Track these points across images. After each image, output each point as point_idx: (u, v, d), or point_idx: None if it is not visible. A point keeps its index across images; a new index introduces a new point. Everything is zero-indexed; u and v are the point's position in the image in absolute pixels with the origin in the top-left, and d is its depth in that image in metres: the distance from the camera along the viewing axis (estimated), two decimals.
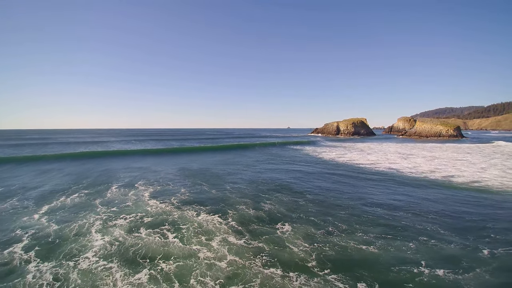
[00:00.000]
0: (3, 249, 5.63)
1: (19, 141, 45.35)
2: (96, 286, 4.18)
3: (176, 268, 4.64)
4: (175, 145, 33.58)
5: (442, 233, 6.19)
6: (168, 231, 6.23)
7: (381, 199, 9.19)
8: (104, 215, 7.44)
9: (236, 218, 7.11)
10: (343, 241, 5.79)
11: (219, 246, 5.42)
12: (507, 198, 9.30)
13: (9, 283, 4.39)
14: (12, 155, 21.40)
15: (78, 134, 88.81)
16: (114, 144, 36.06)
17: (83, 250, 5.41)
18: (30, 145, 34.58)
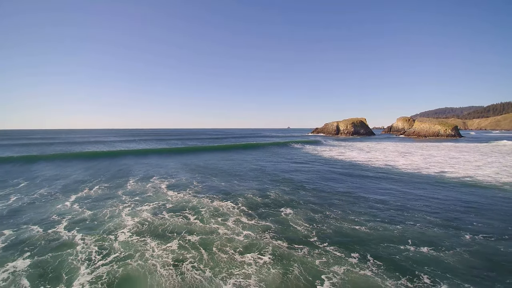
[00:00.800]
0: (48, 229, 6.59)
1: (24, 140, 46.33)
2: (137, 251, 5.15)
3: (200, 240, 5.62)
4: (180, 145, 34.54)
5: (428, 219, 7.11)
6: (189, 214, 7.22)
7: (374, 190, 10.17)
8: (130, 203, 8.42)
9: (246, 204, 8.11)
10: (338, 222, 6.75)
11: (234, 225, 6.41)
12: (494, 192, 10.12)
13: (63, 251, 5.35)
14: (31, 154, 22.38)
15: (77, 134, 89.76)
16: (120, 144, 37.04)
17: (119, 228, 6.38)
18: (37, 145, 35.54)
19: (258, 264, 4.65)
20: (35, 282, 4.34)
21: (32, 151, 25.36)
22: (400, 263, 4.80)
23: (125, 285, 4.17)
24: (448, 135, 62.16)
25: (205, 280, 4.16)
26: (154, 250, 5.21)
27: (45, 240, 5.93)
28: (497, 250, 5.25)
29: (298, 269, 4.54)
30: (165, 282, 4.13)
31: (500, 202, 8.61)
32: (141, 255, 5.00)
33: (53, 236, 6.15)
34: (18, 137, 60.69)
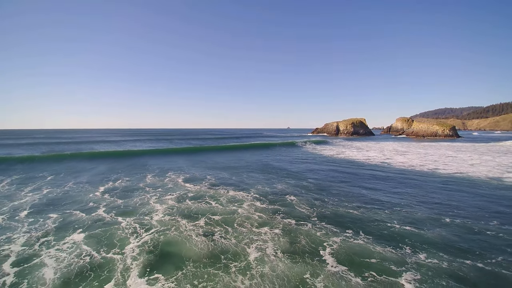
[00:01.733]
0: (90, 213, 7.74)
1: (29, 140, 47.39)
2: (172, 226, 6.32)
3: (222, 218, 6.80)
4: (184, 145, 35.68)
5: (414, 206, 8.26)
6: (209, 200, 8.42)
7: (368, 183, 11.35)
8: (154, 193, 9.60)
9: (257, 193, 9.32)
10: (334, 207, 7.93)
11: (249, 208, 7.60)
12: (480, 185, 11.09)
13: (110, 227, 6.50)
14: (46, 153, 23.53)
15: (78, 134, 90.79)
16: (125, 143, 38.18)
17: (151, 211, 7.55)
18: (44, 144, 36.63)
19: (272, 235, 5.82)
20: (95, 247, 5.49)
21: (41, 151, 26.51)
22: (387, 236, 5.95)
23: (167, 247, 5.34)
24: (446, 135, 63.35)
25: (233, 244, 5.33)
26: (186, 226, 6.39)
27: (91, 220, 7.09)
28: (471, 230, 6.34)
29: (304, 239, 5.70)
30: (201, 245, 5.30)
31: (482, 193, 9.75)
32: (176, 229, 6.17)
33: (97, 217, 7.31)
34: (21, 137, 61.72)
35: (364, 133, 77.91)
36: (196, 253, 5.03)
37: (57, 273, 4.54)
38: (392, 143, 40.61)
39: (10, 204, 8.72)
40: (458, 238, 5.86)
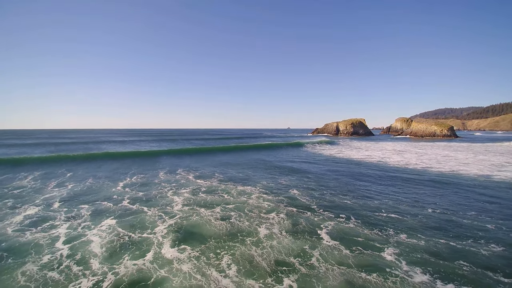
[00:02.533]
0: (116, 204, 8.79)
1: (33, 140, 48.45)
2: (193, 213, 7.39)
3: (235, 207, 7.88)
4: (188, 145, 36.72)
5: (400, 198, 9.27)
6: (221, 193, 9.50)
7: (362, 179, 12.41)
8: (170, 187, 10.67)
9: (263, 187, 10.42)
10: (331, 198, 9.01)
11: (257, 199, 8.68)
12: (467, 182, 12.06)
13: (138, 215, 7.56)
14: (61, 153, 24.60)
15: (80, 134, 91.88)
16: (130, 144, 39.25)
17: (171, 203, 8.61)
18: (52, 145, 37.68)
19: (278, 219, 6.89)
20: (129, 229, 6.54)
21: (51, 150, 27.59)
22: (374, 221, 7.00)
23: (191, 228, 6.40)
24: (444, 135, 64.36)
25: (246, 226, 6.40)
26: (204, 212, 7.46)
27: (119, 210, 8.15)
28: (449, 219, 7.30)
29: (304, 222, 6.76)
30: (219, 226, 6.37)
31: (467, 189, 10.77)
32: (197, 215, 7.25)
33: (124, 207, 8.37)
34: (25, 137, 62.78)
35: (364, 133, 78.90)
36: (215, 232, 6.09)
37: (103, 248, 5.59)
38: (390, 143, 41.65)
39: (42, 197, 9.78)
40: (436, 224, 6.89)
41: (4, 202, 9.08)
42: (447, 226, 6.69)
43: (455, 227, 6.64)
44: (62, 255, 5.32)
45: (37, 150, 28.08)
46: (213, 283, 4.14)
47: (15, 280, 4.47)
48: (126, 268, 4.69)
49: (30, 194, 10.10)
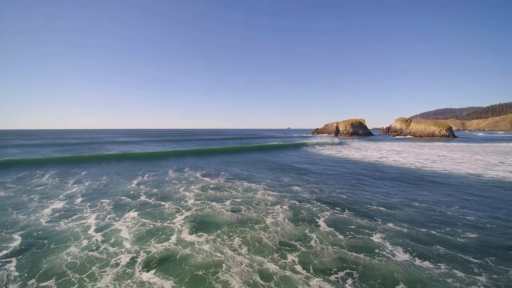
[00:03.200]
0: (134, 198, 9.69)
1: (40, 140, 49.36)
2: (205, 206, 8.29)
3: (243, 201, 8.79)
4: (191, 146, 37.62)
5: (391, 193, 10.16)
6: (228, 190, 10.41)
7: (358, 176, 13.32)
8: (180, 185, 11.58)
9: (267, 184, 11.35)
10: (328, 193, 9.92)
11: (262, 194, 9.62)
12: (457, 179, 12.96)
13: (157, 208, 8.45)
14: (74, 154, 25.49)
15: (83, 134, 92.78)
16: (136, 145, 40.16)
17: (184, 197, 9.52)
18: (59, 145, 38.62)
19: (282, 210, 7.81)
20: (151, 219, 7.43)
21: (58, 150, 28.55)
22: (365, 213, 7.89)
23: (205, 218, 7.31)
24: (443, 135, 65.24)
25: (254, 215, 7.32)
26: (216, 206, 8.37)
27: (138, 204, 9.05)
28: (433, 211, 8.13)
29: (305, 212, 7.67)
30: (231, 216, 7.28)
31: (455, 185, 11.67)
32: (209, 207, 8.16)
33: (142, 201, 9.27)
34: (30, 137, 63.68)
35: (363, 133, 79.77)
36: (228, 220, 7.01)
37: (131, 234, 6.49)
38: (389, 143, 42.51)
39: (64, 193, 10.68)
40: (419, 216, 7.77)
41: (31, 197, 9.99)
42: (430, 217, 7.57)
43: (437, 218, 7.52)
44: (97, 239, 6.22)
45: (44, 150, 28.99)
46: (230, 259, 5.04)
47: (63, 259, 5.37)
48: (155, 248, 5.60)
49: (52, 190, 11.01)
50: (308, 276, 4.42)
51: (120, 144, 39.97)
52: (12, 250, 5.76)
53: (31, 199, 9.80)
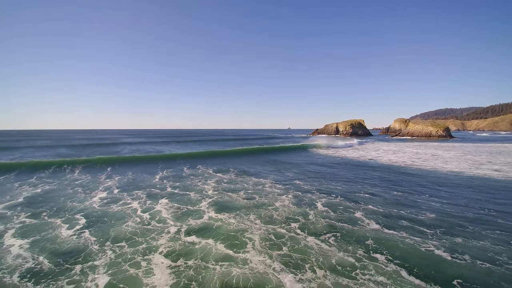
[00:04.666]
0: (162, 190, 11.59)
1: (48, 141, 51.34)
2: (224, 194, 10.22)
3: (254, 192, 10.72)
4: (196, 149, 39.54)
5: (376, 184, 12.07)
6: (240, 183, 12.34)
7: (351, 171, 15.22)
8: (197, 179, 13.52)
9: (273, 179, 13.30)
10: (325, 185, 11.83)
11: (270, 186, 11.57)
12: (438, 176, 14.98)
13: (184, 196, 10.35)
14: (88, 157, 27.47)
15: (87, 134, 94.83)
16: (141, 145, 42.14)
17: (204, 189, 11.44)
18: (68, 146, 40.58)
19: (288, 198, 9.74)
20: (182, 204, 9.33)
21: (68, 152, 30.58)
22: (353, 198, 9.77)
23: (225, 203, 9.21)
24: (440, 135, 66.98)
25: (266, 202, 9.25)
26: (232, 195, 10.29)
27: (167, 194, 10.96)
28: (406, 198, 9.97)
29: (306, 199, 9.59)
30: (246, 202, 9.21)
31: (433, 180, 13.55)
32: (227, 196, 10.10)
33: (170, 192, 11.19)
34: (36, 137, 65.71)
35: (363, 133, 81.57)
36: (244, 205, 8.94)
37: (170, 215, 8.38)
38: (386, 143, 44.29)
39: (101, 186, 12.60)
40: (395, 201, 9.67)
41: (75, 189, 11.92)
42: (402, 202, 9.48)
43: (407, 203, 9.40)
44: (146, 217, 8.13)
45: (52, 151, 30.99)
46: (251, 226, 6.95)
47: (125, 230, 7.26)
48: (193, 222, 7.51)
49: (90, 184, 12.94)
50: (306, 236, 6.32)
51: (129, 144, 41.97)
52: (82, 225, 7.64)
53: (76, 191, 11.73)
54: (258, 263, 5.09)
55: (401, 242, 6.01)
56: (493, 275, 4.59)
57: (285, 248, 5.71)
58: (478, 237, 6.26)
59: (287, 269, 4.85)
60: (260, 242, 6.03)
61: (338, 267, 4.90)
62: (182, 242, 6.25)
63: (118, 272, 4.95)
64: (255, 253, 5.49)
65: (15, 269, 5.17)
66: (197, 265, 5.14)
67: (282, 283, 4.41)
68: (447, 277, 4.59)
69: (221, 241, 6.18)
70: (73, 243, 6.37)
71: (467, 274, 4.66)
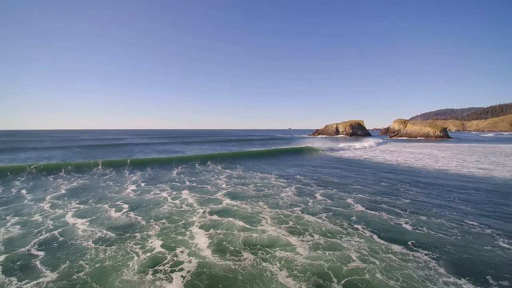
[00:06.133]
0: (182, 183, 13.44)
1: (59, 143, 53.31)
2: (235, 188, 12.08)
3: (262, 185, 12.60)
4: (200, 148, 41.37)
5: (367, 179, 13.87)
6: (248, 178, 14.22)
7: (347, 168, 17.07)
8: (209, 174, 15.42)
9: (276, 174, 15.21)
10: (322, 179, 13.68)
11: (275, 181, 13.45)
12: (423, 172, 16.90)
13: (204, 188, 12.22)
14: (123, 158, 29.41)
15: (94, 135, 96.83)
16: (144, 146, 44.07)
17: (217, 184, 13.31)
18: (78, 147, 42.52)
19: (290, 190, 11.60)
20: (203, 194, 11.17)
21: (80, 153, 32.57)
22: (346, 190, 11.60)
23: (238, 194, 11.06)
24: (437, 136, 68.71)
25: (272, 193, 11.13)
26: (242, 187, 12.16)
27: (187, 186, 12.83)
28: (390, 189, 11.87)
29: (306, 190, 11.45)
30: (256, 193, 11.08)
31: (417, 175, 15.40)
32: (239, 188, 11.97)
33: (189, 185, 13.05)
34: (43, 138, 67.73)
35: (362, 134, 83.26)
36: (254, 195, 10.81)
37: (193, 201, 10.23)
38: (384, 144, 46.03)
39: (128, 180, 14.44)
40: (380, 190, 11.54)
41: (107, 183, 13.79)
42: (386, 192, 11.35)
43: (390, 192, 11.31)
44: (177, 203, 9.98)
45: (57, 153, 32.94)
46: (262, 210, 8.81)
47: (162, 212, 9.07)
48: (215, 206, 9.37)
49: (118, 179, 14.81)
50: (306, 216, 8.17)
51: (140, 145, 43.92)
52: (126, 209, 9.46)
53: (108, 184, 13.60)
54: (271, 231, 6.96)
55: (378, 219, 7.88)
56: (441, 240, 6.42)
57: (291, 223, 7.57)
58: (438, 216, 8.11)
59: (292, 235, 6.71)
60: (271, 219, 7.89)
61: (329, 234, 6.75)
62: (210, 219, 8.10)
63: (168, 238, 6.79)
64: (268, 226, 7.35)
65: (88, 238, 7.00)
66: (225, 233, 6.99)
67: (289, 242, 6.27)
68: (406, 239, 6.43)
69: (240, 219, 8.03)
70: (125, 221, 8.23)
71: (421, 238, 6.51)
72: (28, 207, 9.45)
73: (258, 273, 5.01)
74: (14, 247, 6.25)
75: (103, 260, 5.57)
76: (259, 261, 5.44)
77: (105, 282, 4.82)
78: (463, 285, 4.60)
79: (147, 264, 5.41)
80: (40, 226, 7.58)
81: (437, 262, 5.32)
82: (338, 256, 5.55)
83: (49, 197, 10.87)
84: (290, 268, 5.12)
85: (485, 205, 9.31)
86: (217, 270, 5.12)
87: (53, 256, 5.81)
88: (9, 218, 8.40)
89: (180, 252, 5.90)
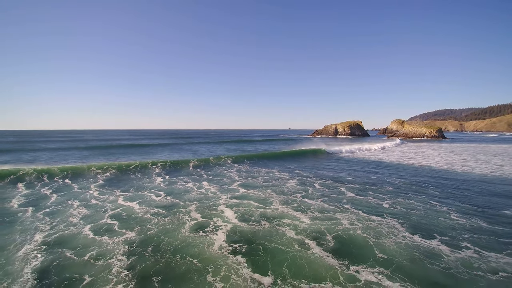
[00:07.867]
0: (199, 176, 15.63)
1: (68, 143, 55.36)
2: (246, 180, 14.31)
3: (268, 177, 14.84)
4: (203, 148, 43.48)
5: (360, 174, 16.10)
6: (256, 172, 16.46)
7: (342, 164, 19.30)
8: (221, 168, 17.63)
9: (279, 169, 17.46)
10: (320, 174, 15.90)
11: (279, 174, 15.67)
12: (410, 168, 19.11)
13: (219, 179, 14.43)
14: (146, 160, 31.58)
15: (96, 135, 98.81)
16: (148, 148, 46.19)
17: (231, 176, 15.51)
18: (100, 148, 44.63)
19: (293, 181, 13.83)
20: (219, 185, 13.32)
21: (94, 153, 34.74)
22: (340, 180, 13.81)
23: (249, 184, 13.25)
24: (433, 136, 70.96)
25: (279, 183, 13.36)
26: (253, 180, 14.38)
27: (205, 178, 14.99)
28: (377, 180, 14.08)
29: (307, 182, 13.68)
30: (265, 183, 13.30)
31: (405, 170, 17.63)
32: (250, 180, 14.19)
33: (206, 177, 15.22)
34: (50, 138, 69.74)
35: (360, 134, 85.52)
36: (263, 185, 13.04)
37: (216, 190, 12.42)
38: (382, 144, 48.24)
39: (153, 173, 16.65)
40: (370, 182, 13.71)
41: (136, 175, 15.98)
42: (374, 182, 13.57)
43: (377, 182, 13.52)
44: (202, 191, 12.14)
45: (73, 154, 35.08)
46: (271, 197, 11.00)
47: (193, 197, 11.19)
48: (232, 194, 11.54)
49: (144, 171, 17.00)
50: (307, 200, 10.39)
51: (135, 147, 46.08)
52: (163, 194, 11.54)
53: (137, 175, 15.80)
54: (281, 208, 9.19)
55: (365, 201, 10.12)
56: (408, 212, 8.65)
57: (295, 204, 9.79)
58: (412, 198, 10.37)
59: (297, 211, 8.93)
60: (279, 202, 10.10)
61: (325, 211, 8.97)
62: (232, 202, 10.29)
63: (205, 213, 8.97)
64: (278, 206, 9.57)
65: (145, 212, 9.08)
66: (246, 209, 9.19)
67: (295, 216, 8.48)
68: (383, 213, 8.65)
69: (255, 201, 10.23)
70: (167, 202, 10.40)
71: (394, 212, 8.74)
72: (82, 194, 11.63)
73: (274, 231, 7.23)
74: (93, 220, 8.40)
75: (164, 225, 7.79)
76: (274, 225, 7.67)
77: (170, 235, 7.03)
78: (415, 237, 6.81)
79: (196, 227, 7.63)
80: (102, 207, 9.73)
81: (401, 225, 7.55)
82: (331, 222, 7.78)
83: (93, 186, 13.09)
84: (296, 229, 7.34)
85: (451, 192, 11.55)
86: (245, 230, 7.35)
87: (126, 223, 8.01)
88: (70, 202, 10.53)
89: (216, 220, 8.13)
